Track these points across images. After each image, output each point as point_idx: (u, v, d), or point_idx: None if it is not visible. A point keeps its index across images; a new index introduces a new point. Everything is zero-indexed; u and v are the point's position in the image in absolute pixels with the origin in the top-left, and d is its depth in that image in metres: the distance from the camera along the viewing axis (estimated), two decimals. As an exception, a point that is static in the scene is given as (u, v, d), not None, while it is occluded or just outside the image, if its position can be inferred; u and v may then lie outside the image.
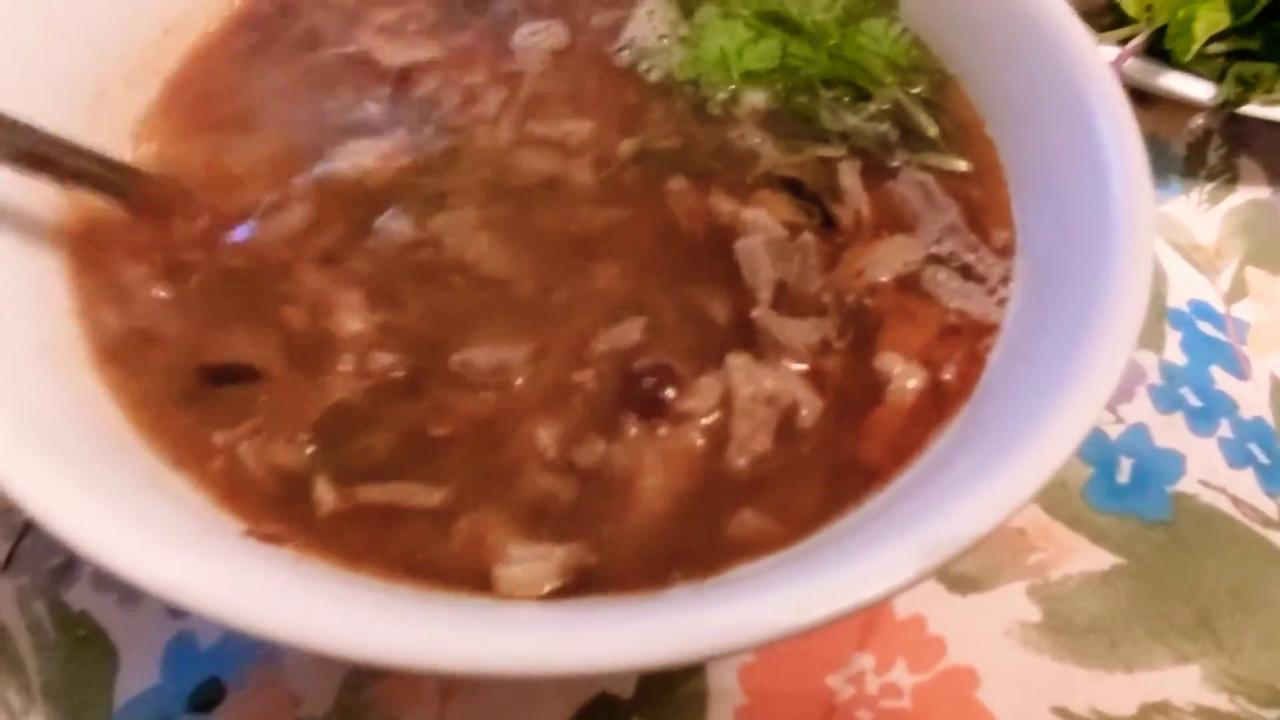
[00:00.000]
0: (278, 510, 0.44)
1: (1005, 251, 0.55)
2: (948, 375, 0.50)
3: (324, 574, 0.41)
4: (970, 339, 0.52)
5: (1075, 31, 0.55)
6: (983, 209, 0.56)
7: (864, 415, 0.49)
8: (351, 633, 0.35)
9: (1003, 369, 0.51)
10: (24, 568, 0.60)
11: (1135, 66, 0.78)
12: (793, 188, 0.57)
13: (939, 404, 0.50)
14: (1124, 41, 0.79)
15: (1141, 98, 0.83)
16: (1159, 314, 0.74)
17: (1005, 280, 0.54)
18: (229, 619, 0.35)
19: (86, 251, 0.51)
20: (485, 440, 0.47)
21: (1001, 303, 0.53)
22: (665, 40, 0.61)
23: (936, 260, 0.55)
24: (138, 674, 0.57)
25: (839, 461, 0.48)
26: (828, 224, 0.55)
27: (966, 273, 0.54)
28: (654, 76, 0.60)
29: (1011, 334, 0.52)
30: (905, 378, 0.50)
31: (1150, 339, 0.73)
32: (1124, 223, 0.49)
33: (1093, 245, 0.49)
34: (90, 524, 0.36)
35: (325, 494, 0.44)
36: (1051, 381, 0.45)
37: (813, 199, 0.56)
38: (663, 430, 0.48)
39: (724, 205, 0.55)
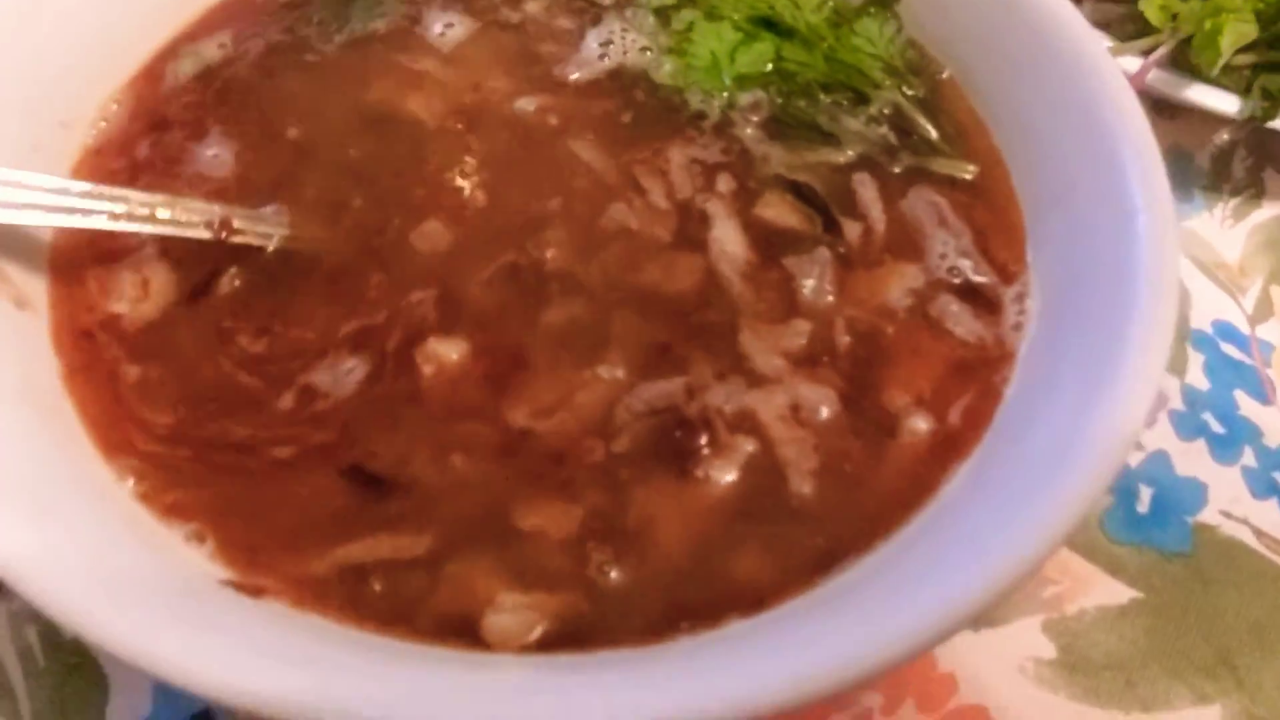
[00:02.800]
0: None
1: (1019, 274, 0.53)
2: (959, 413, 0.48)
3: (301, 630, 0.40)
4: (985, 372, 0.50)
5: (1080, 30, 0.53)
6: (995, 228, 0.54)
7: (873, 457, 0.47)
8: (324, 705, 0.33)
9: (1019, 403, 0.49)
10: (15, 593, 0.59)
11: (1159, 77, 0.76)
12: (797, 191, 0.55)
13: (952, 445, 0.48)
14: (1148, 52, 0.76)
15: (1165, 109, 0.80)
16: (1182, 336, 0.72)
17: (1021, 303, 0.52)
18: (195, 689, 0.33)
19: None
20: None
21: (1017, 328, 0.51)
22: (649, 52, 0.59)
23: (947, 287, 0.53)
24: (129, 703, 0.56)
25: (851, 505, 0.46)
26: (828, 229, 0.53)
27: (978, 299, 0.52)
28: (634, 87, 0.58)
29: (1028, 364, 0.50)
30: (915, 419, 0.48)
31: (1172, 362, 0.71)
32: (1147, 237, 0.47)
33: (1113, 264, 0.47)
34: (55, 583, 0.34)
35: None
36: (1074, 418, 0.43)
37: (816, 204, 0.54)
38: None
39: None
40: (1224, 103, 0.74)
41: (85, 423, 0.46)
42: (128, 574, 0.38)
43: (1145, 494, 0.66)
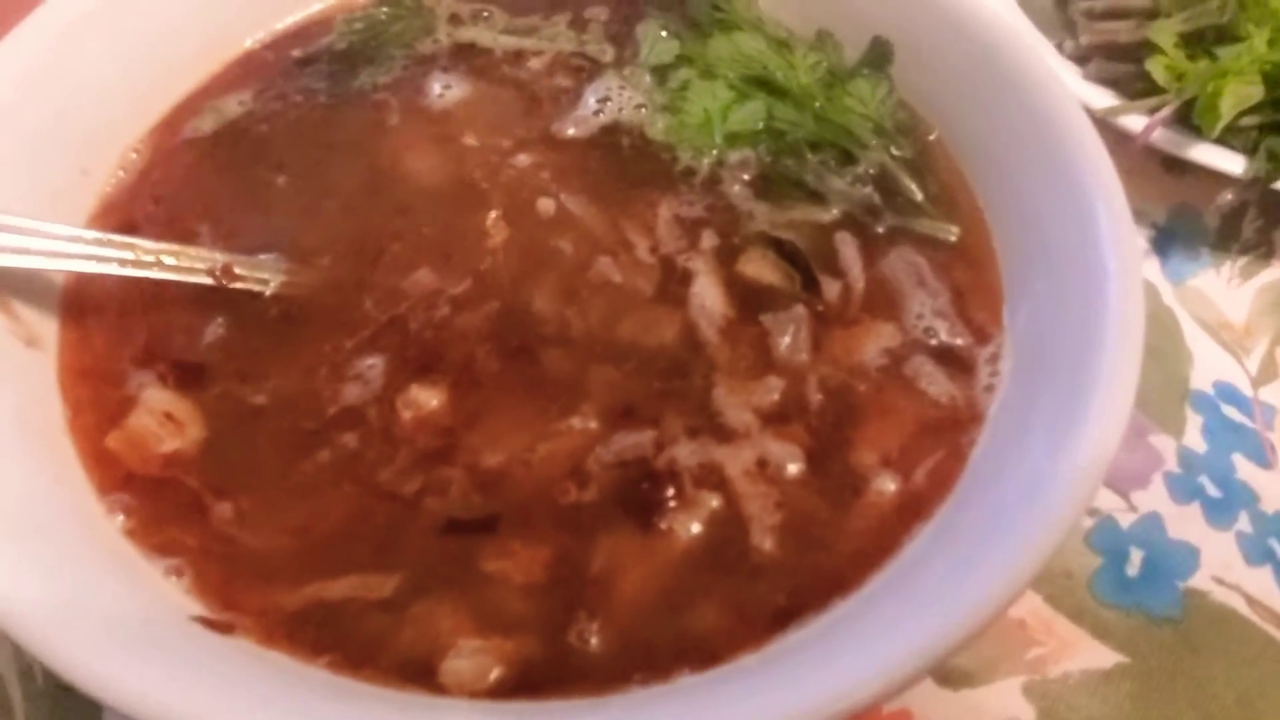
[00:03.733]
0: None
1: (994, 335, 0.53)
2: (926, 474, 0.49)
3: (266, 668, 0.41)
4: (953, 434, 0.50)
5: (1056, 91, 0.54)
6: (973, 289, 0.55)
7: (837, 515, 0.48)
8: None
9: (985, 463, 0.49)
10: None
11: (1166, 136, 0.76)
12: (779, 248, 0.56)
13: (915, 505, 0.48)
14: (1154, 110, 0.76)
15: (1174, 166, 0.80)
16: (1180, 397, 0.71)
17: (994, 364, 0.52)
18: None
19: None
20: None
21: (989, 389, 0.52)
22: (643, 109, 0.61)
23: (922, 348, 0.53)
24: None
25: (811, 562, 0.47)
26: (808, 287, 0.54)
27: (952, 360, 0.53)
28: (627, 143, 0.60)
29: (997, 424, 0.50)
30: (882, 479, 0.49)
31: (1170, 423, 0.70)
32: (1116, 302, 0.47)
33: (1083, 328, 0.48)
34: (25, 611, 0.37)
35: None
36: (1036, 479, 0.44)
37: (798, 262, 0.55)
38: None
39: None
40: (1230, 163, 0.74)
41: (83, 461, 0.48)
42: (102, 607, 0.40)
43: (1136, 556, 0.65)
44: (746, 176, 0.59)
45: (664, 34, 0.64)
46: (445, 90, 0.62)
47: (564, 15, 0.66)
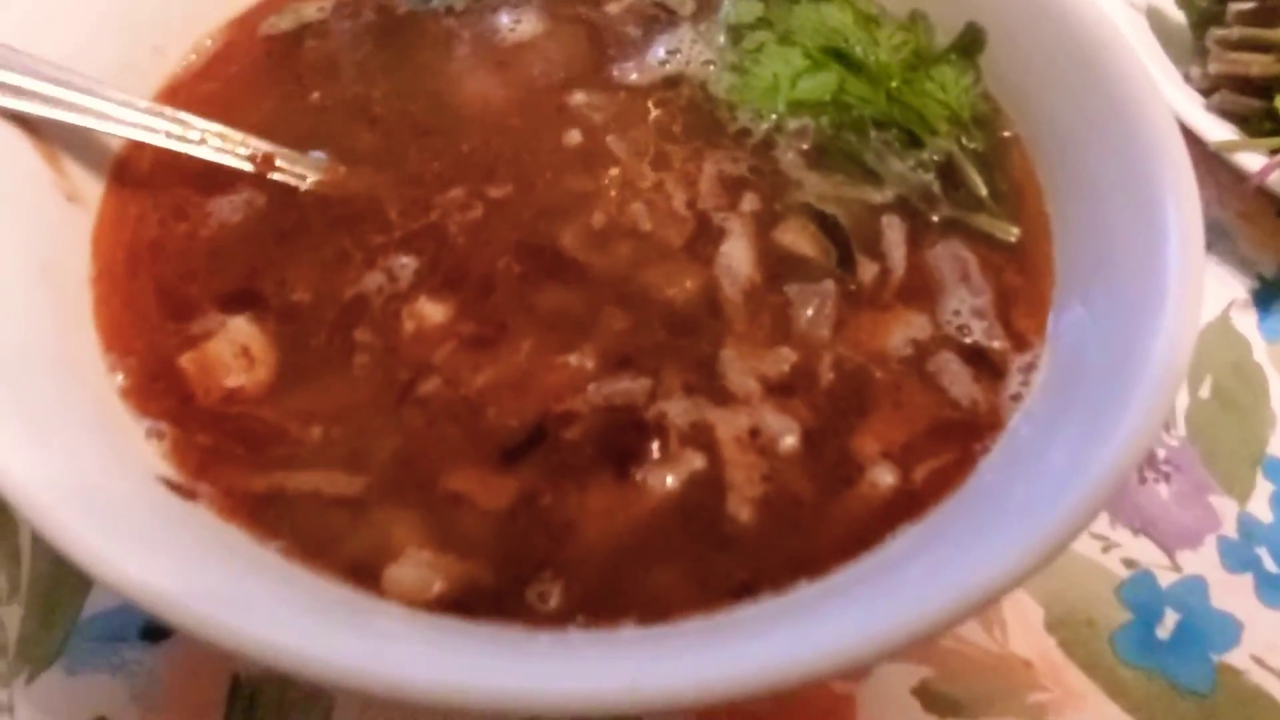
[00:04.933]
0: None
1: (1035, 345, 0.50)
2: (927, 474, 0.46)
3: (221, 540, 0.42)
4: (967, 438, 0.47)
5: (1159, 115, 0.50)
6: (1021, 294, 0.51)
7: (822, 499, 0.45)
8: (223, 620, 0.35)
9: (994, 473, 0.46)
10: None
11: (1285, 180, 0.70)
12: (821, 221, 0.53)
13: (908, 504, 0.45)
14: (1276, 151, 0.70)
15: (1293, 214, 0.74)
16: (1254, 460, 0.65)
17: (1028, 374, 0.49)
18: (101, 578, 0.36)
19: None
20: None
21: (1016, 398, 0.48)
22: (712, 66, 0.59)
23: (952, 345, 0.50)
24: (108, 592, 0.60)
25: (783, 542, 0.44)
26: (842, 264, 0.52)
27: (982, 362, 0.49)
28: (687, 95, 0.58)
29: (1014, 436, 0.47)
30: (880, 470, 0.46)
31: (1236, 485, 0.64)
32: (1165, 339, 0.43)
33: (1126, 354, 0.44)
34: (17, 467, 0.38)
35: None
36: (1042, 498, 0.41)
37: (837, 238, 0.53)
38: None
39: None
40: (1353, 218, 0.67)
41: (97, 318, 0.49)
42: (78, 458, 0.41)
43: (1170, 619, 0.60)
44: (804, 146, 0.57)
45: (752, -5, 0.62)
46: (516, 24, 0.62)
47: (652, -38, 0.64)
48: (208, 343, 0.48)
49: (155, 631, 0.58)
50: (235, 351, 0.47)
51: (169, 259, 0.52)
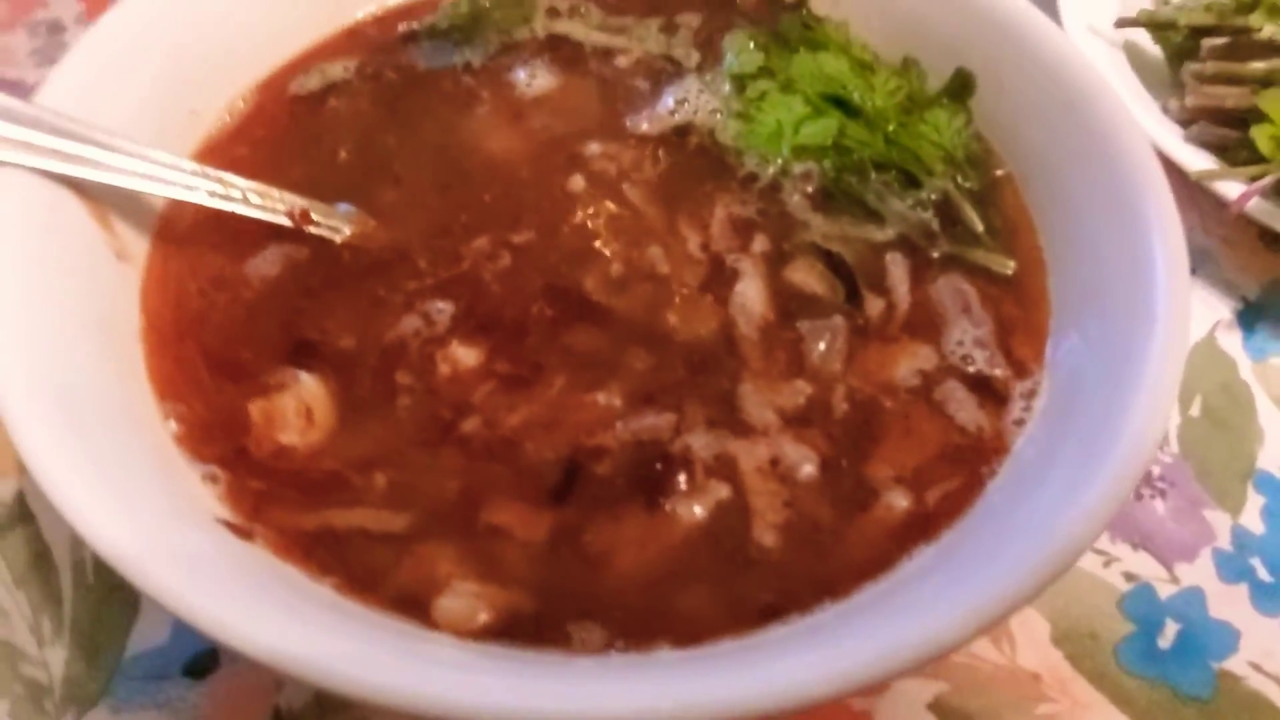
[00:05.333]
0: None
1: (1034, 372, 0.53)
2: (938, 497, 0.49)
3: (278, 578, 0.44)
4: (974, 462, 0.50)
5: (1141, 150, 0.53)
6: (1020, 324, 0.55)
7: (841, 523, 0.48)
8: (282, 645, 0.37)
9: (1002, 495, 0.49)
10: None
11: (1264, 208, 0.73)
12: (828, 260, 0.57)
13: (923, 526, 0.48)
14: (1254, 179, 0.74)
15: (1273, 239, 0.77)
16: (1244, 474, 0.68)
17: (1029, 400, 0.52)
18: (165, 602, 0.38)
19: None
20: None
21: (1019, 423, 0.51)
22: (719, 114, 0.63)
23: (957, 374, 0.53)
24: (150, 631, 0.61)
25: (807, 565, 0.47)
26: (850, 300, 0.55)
27: (986, 390, 0.52)
28: (696, 143, 0.62)
29: (1019, 459, 0.50)
30: (894, 494, 0.49)
31: (1228, 499, 0.67)
32: (1156, 367, 0.46)
33: (1119, 378, 0.47)
34: (74, 489, 0.40)
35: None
36: (1049, 517, 0.43)
37: (844, 275, 0.56)
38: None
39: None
40: (1329, 241, 0.71)
41: (149, 370, 0.52)
42: (145, 501, 0.43)
43: (1171, 629, 0.63)
44: (809, 189, 0.60)
45: (751, 45, 0.66)
46: (532, 79, 0.65)
47: (657, 19, 0.68)
48: (279, 394, 0.50)
49: (198, 668, 0.60)
50: (299, 410, 0.50)
51: (213, 330, 0.54)
